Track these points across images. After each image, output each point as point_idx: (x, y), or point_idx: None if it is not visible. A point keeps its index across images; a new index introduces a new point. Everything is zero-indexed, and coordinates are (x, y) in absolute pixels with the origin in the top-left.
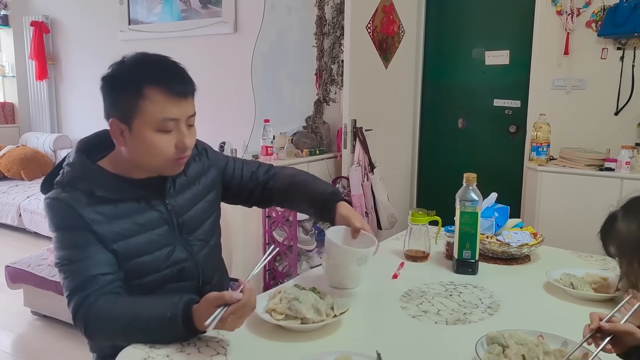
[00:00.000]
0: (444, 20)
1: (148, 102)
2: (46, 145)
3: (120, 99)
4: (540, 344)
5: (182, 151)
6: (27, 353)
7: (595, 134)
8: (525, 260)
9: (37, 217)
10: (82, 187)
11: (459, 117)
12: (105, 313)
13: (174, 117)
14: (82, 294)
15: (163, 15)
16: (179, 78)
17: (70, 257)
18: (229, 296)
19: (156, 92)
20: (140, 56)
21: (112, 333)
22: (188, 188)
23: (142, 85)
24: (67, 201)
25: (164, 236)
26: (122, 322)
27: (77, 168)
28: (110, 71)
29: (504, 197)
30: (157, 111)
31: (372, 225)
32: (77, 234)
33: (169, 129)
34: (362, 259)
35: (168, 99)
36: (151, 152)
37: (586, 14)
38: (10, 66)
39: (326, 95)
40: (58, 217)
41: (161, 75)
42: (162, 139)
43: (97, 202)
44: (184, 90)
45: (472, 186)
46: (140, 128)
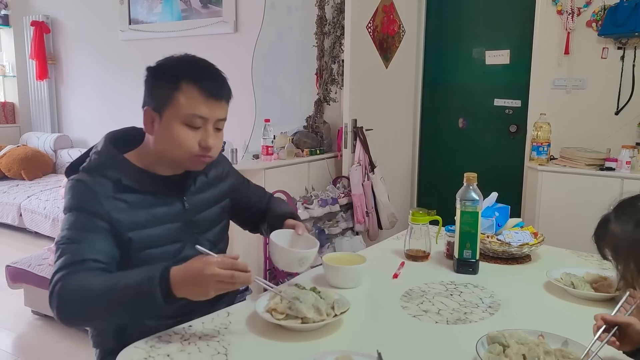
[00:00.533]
0: (445, 19)
1: (182, 95)
2: (47, 145)
3: (158, 88)
4: (541, 343)
5: (205, 150)
6: (27, 353)
7: (595, 133)
8: (526, 259)
9: (38, 217)
10: (108, 174)
11: (459, 116)
12: (83, 284)
13: (203, 115)
14: (66, 271)
15: (163, 15)
16: (216, 81)
17: (72, 236)
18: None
19: (191, 88)
20: (185, 55)
21: (87, 304)
22: (207, 190)
23: (180, 78)
24: (91, 185)
25: (176, 231)
26: (99, 291)
27: (105, 156)
28: (155, 63)
29: (504, 196)
30: (188, 105)
31: (373, 225)
32: (88, 218)
33: (196, 125)
34: (303, 260)
35: (201, 96)
36: (175, 144)
37: (587, 13)
38: (10, 66)
39: (326, 94)
40: (77, 198)
41: (200, 73)
42: (187, 133)
43: (122, 190)
44: (218, 93)
45: (473, 186)
46: (169, 118)
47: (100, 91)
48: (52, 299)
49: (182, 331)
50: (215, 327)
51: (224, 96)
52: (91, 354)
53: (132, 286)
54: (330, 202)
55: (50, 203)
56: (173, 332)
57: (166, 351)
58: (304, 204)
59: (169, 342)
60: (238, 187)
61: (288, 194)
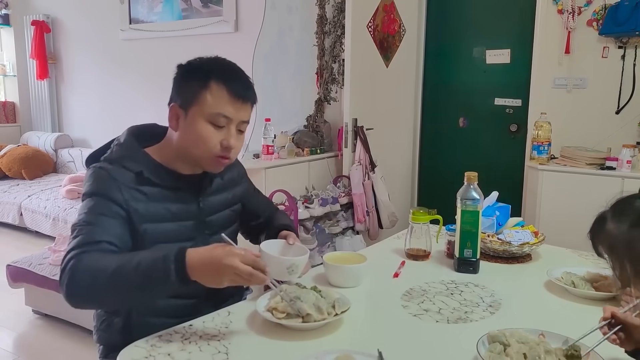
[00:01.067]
0: (445, 19)
1: (209, 93)
2: (47, 145)
3: (186, 85)
4: (542, 342)
5: (226, 150)
6: (28, 352)
7: (596, 132)
8: (526, 259)
9: (38, 216)
10: (130, 166)
11: (459, 116)
12: (95, 262)
13: (228, 115)
14: (79, 250)
15: (164, 14)
16: (244, 83)
17: (88, 219)
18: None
19: (220, 87)
20: (216, 57)
21: (98, 281)
22: (222, 192)
23: (209, 77)
24: (112, 173)
25: (189, 229)
26: (111, 267)
27: (126, 148)
28: (186, 62)
29: (505, 196)
30: (214, 104)
31: (373, 224)
32: (106, 203)
33: (220, 124)
34: (292, 268)
35: (228, 96)
36: (198, 141)
37: (587, 12)
38: (11, 65)
39: (327, 94)
40: (97, 183)
41: (229, 75)
42: (210, 131)
43: (143, 182)
44: (245, 95)
45: (474, 185)
46: (195, 115)
47: (100, 91)
48: (63, 276)
49: (182, 330)
50: (216, 326)
51: (250, 99)
52: (92, 353)
53: (146, 263)
54: (330, 201)
55: (50, 202)
56: (174, 331)
57: (167, 350)
58: (304, 203)
59: (169, 341)
60: (250, 194)
61: (288, 194)
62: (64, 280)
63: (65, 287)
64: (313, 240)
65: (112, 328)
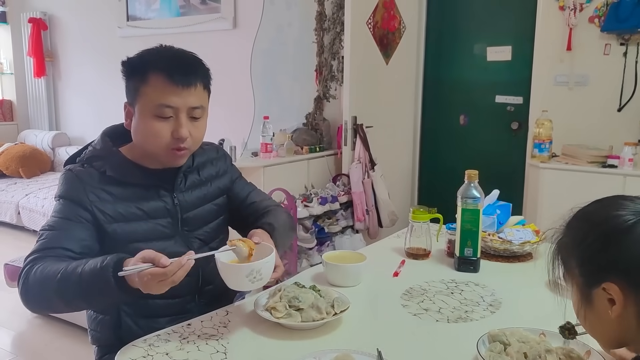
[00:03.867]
0: (446, 15)
1: (149, 87)
2: (44, 143)
3: (129, 83)
4: (542, 341)
5: (178, 141)
6: (26, 351)
7: (598, 130)
8: (527, 257)
9: (36, 215)
10: (97, 165)
11: (460, 113)
12: (44, 269)
13: (171, 104)
14: (35, 256)
15: (161, 11)
16: (185, 68)
17: (54, 224)
18: (158, 258)
19: (158, 78)
20: (157, 46)
21: (47, 289)
22: (199, 187)
23: (147, 71)
24: (80, 175)
25: (165, 227)
26: (57, 277)
27: (98, 148)
28: (127, 58)
29: (506, 194)
30: (155, 96)
31: (373, 223)
32: (72, 207)
33: (166, 115)
34: (253, 275)
35: (168, 86)
36: (148, 137)
37: (589, 9)
38: (8, 63)
39: (326, 91)
40: (65, 186)
41: (166, 63)
42: (158, 125)
43: (107, 181)
44: (187, 80)
45: (474, 183)
46: (141, 112)
47: (98, 88)
48: (18, 282)
49: (180, 330)
50: (214, 325)
51: (193, 82)
52: (90, 353)
53: (86, 273)
54: (330, 200)
55: (48, 201)
56: (172, 331)
57: (165, 350)
58: (303, 202)
59: (167, 341)
60: (235, 183)
61: (287, 192)
62: (19, 287)
63: (20, 293)
64: (312, 239)
65: (103, 326)
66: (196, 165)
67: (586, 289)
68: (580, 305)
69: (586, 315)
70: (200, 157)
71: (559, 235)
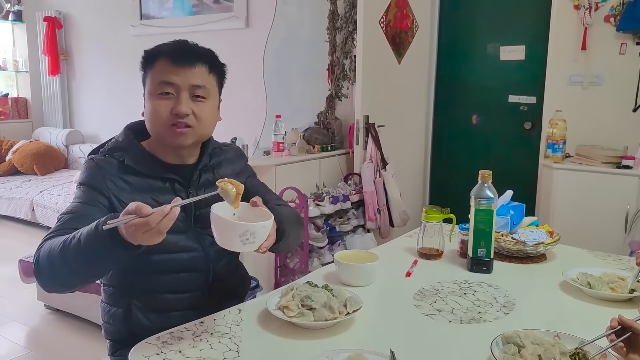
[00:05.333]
0: (458, 14)
1: (155, 70)
2: (58, 140)
3: (143, 74)
4: (557, 344)
5: (177, 117)
6: (40, 346)
7: (612, 130)
8: (541, 259)
9: (50, 212)
10: (117, 155)
11: (473, 113)
12: (52, 244)
13: (171, 81)
14: (48, 236)
15: (174, 10)
16: (186, 49)
17: (73, 209)
18: (139, 208)
19: (163, 61)
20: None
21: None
22: (213, 185)
23: (156, 57)
24: (100, 163)
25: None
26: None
27: (120, 140)
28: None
29: (518, 194)
30: (157, 76)
31: (384, 223)
32: (91, 193)
33: (167, 91)
34: (246, 236)
35: (170, 66)
36: (152, 117)
37: (604, 8)
38: (23, 61)
39: (338, 90)
40: (85, 173)
41: (173, 48)
42: (160, 103)
43: (126, 171)
44: (188, 60)
45: (488, 183)
46: (148, 96)
47: (111, 87)
48: (33, 262)
49: (193, 327)
50: (227, 324)
51: (196, 62)
52: (102, 348)
53: (83, 234)
54: (341, 199)
55: (62, 198)
56: (185, 329)
57: (178, 347)
58: (314, 200)
59: (180, 339)
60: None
61: (299, 191)
62: (33, 265)
63: (35, 275)
64: (323, 238)
65: (116, 320)
66: (212, 164)
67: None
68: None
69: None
70: (217, 157)
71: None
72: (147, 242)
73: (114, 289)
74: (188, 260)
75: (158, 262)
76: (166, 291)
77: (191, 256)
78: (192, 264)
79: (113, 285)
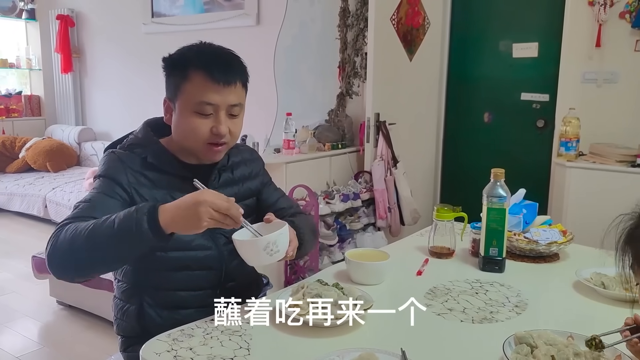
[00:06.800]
0: (470, 11)
1: (190, 84)
2: (71, 138)
3: (170, 79)
4: (570, 344)
5: (217, 137)
6: (52, 342)
7: (627, 129)
8: (554, 258)
9: (63, 209)
10: (137, 151)
11: (485, 111)
12: (75, 228)
13: (212, 102)
14: (67, 221)
15: (186, 7)
16: (225, 65)
17: (91, 197)
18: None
19: (199, 75)
20: (197, 43)
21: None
22: (230, 186)
23: (187, 67)
24: (121, 157)
25: None
26: (88, 227)
27: (139, 137)
28: (169, 55)
29: (531, 193)
30: (196, 93)
31: (395, 221)
32: (110, 185)
33: (207, 112)
34: (270, 247)
35: (209, 83)
36: (187, 133)
37: (619, 4)
38: (36, 59)
39: (349, 88)
40: (107, 165)
41: (207, 60)
42: (198, 121)
43: (147, 167)
44: (227, 78)
45: (500, 182)
46: (181, 108)
47: (123, 84)
48: (47, 246)
49: (204, 325)
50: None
51: (233, 80)
52: (114, 344)
53: (119, 218)
54: (352, 197)
55: (74, 195)
56: (195, 326)
57: (189, 344)
58: (325, 198)
59: (191, 336)
60: (266, 187)
61: (309, 189)
62: (47, 249)
63: (48, 256)
64: (334, 236)
65: (128, 316)
66: (230, 164)
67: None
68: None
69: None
70: (235, 157)
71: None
72: (189, 230)
73: (128, 285)
74: (202, 258)
75: (174, 259)
76: (179, 288)
77: (205, 254)
78: (206, 262)
79: (127, 282)
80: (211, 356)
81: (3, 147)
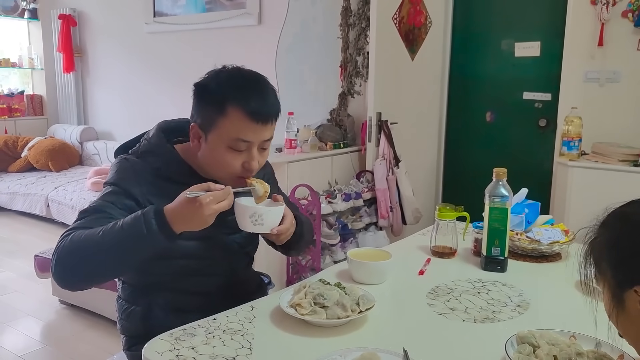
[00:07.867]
0: (472, 10)
1: (227, 120)
2: (73, 137)
3: (203, 109)
4: (573, 344)
5: (248, 172)
6: (54, 341)
7: (629, 128)
8: (556, 258)
9: (65, 208)
10: (150, 160)
11: (487, 110)
12: (81, 234)
13: (248, 139)
14: (73, 230)
15: (187, 7)
16: (263, 102)
17: (98, 207)
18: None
19: (237, 113)
20: (235, 72)
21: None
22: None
23: (226, 103)
24: (135, 166)
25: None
26: (96, 233)
27: (153, 143)
28: (203, 79)
29: (533, 192)
30: (233, 131)
31: (397, 220)
32: (119, 195)
33: (241, 149)
34: (255, 218)
35: (247, 122)
36: (218, 166)
37: (622, 3)
38: (38, 59)
39: (351, 87)
40: (119, 174)
41: (247, 96)
42: (231, 156)
43: (159, 176)
44: (265, 116)
45: (502, 181)
46: (214, 141)
47: (125, 84)
48: (53, 255)
49: (206, 324)
50: (240, 321)
51: (271, 119)
52: (117, 343)
53: (127, 222)
54: (353, 196)
55: (76, 194)
56: (197, 325)
57: (191, 344)
58: (327, 198)
59: (193, 335)
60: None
61: (311, 188)
62: (53, 258)
63: (53, 266)
64: (336, 235)
65: (133, 317)
66: None
67: (618, 291)
68: (612, 307)
69: (618, 317)
70: None
71: (593, 235)
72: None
73: (135, 288)
74: (212, 263)
75: (184, 266)
76: (188, 292)
77: (214, 260)
78: (214, 268)
79: (134, 285)
80: (213, 355)
81: (5, 147)
